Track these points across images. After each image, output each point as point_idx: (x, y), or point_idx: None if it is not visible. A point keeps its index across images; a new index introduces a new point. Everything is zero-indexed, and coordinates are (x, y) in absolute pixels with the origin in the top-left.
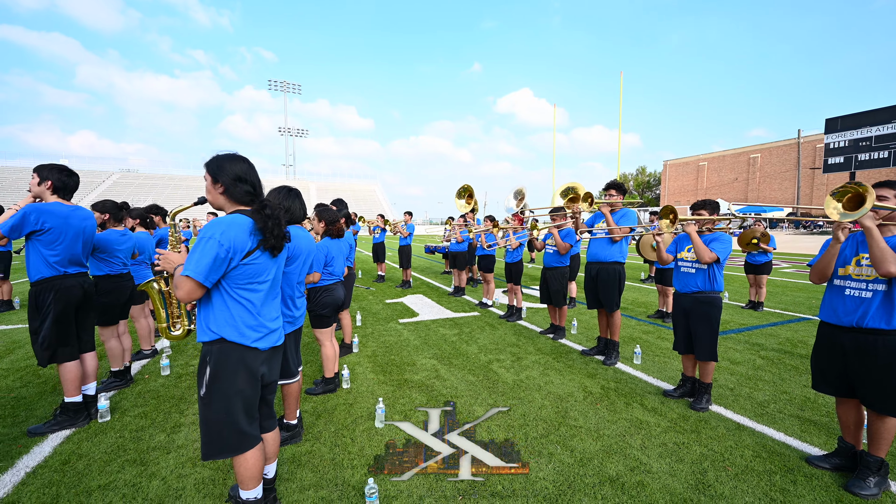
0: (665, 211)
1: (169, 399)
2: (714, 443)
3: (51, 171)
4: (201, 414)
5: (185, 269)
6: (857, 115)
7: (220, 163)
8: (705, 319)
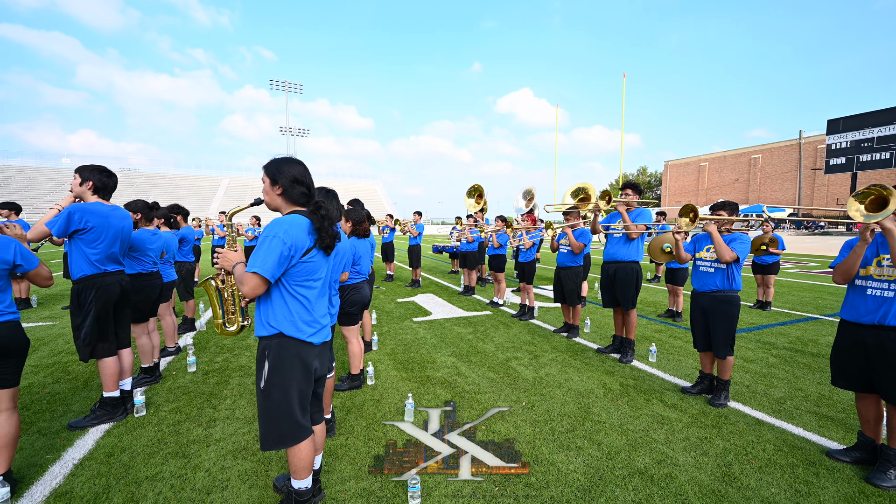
0: (685, 209)
1: (199, 395)
2: (736, 437)
3: (92, 171)
4: (260, 406)
5: (252, 266)
6: (860, 116)
7: (278, 166)
8: (724, 318)
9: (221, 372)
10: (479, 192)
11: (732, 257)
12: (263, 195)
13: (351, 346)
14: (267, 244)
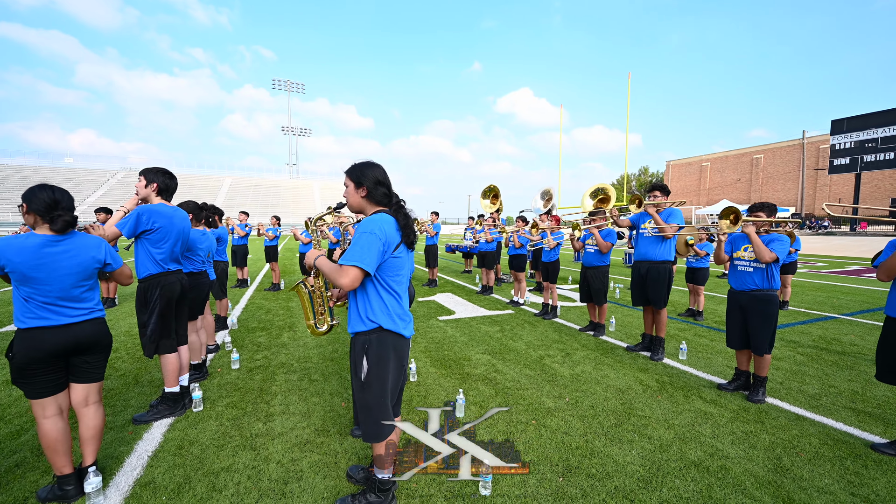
0: (726, 212)
1: (250, 391)
2: (780, 431)
3: (156, 174)
4: (360, 400)
5: (351, 260)
6: (864, 116)
7: (361, 169)
8: (764, 316)
9: (264, 369)
10: (494, 192)
11: (772, 258)
12: (347, 197)
13: None
14: (365, 240)
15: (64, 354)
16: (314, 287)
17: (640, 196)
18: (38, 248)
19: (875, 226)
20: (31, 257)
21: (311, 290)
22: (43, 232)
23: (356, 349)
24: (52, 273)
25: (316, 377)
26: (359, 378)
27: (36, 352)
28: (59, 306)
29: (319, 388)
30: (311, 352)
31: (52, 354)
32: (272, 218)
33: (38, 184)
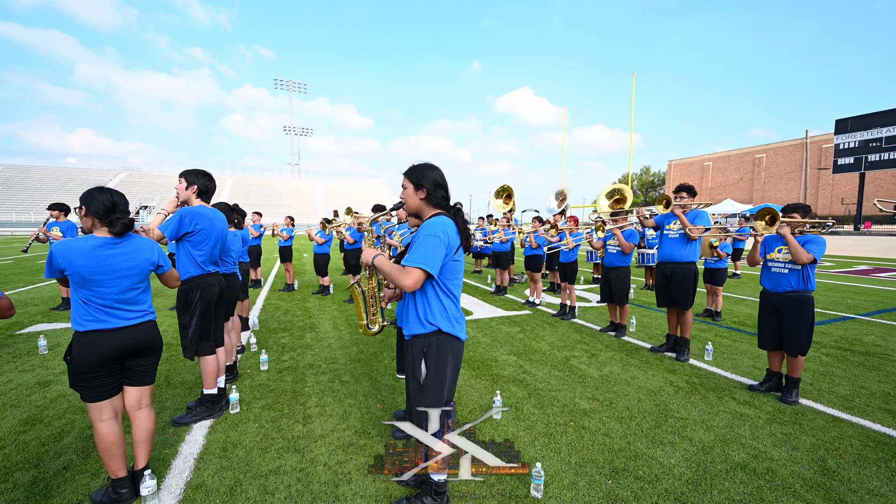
0: (762, 213)
1: (283, 392)
2: (819, 433)
3: (196, 175)
4: (417, 401)
5: (415, 262)
6: (868, 115)
7: (421, 171)
8: (801, 317)
9: (293, 370)
10: (507, 192)
11: (809, 259)
12: (405, 199)
13: None
14: (429, 242)
15: (120, 357)
16: (368, 288)
17: (669, 197)
18: (97, 250)
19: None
20: (92, 260)
21: (364, 290)
22: (101, 234)
23: (414, 351)
24: (110, 275)
25: (346, 378)
26: (417, 380)
27: (94, 355)
28: (117, 309)
29: (352, 390)
30: (337, 353)
31: (109, 357)
32: (286, 218)
33: (96, 186)
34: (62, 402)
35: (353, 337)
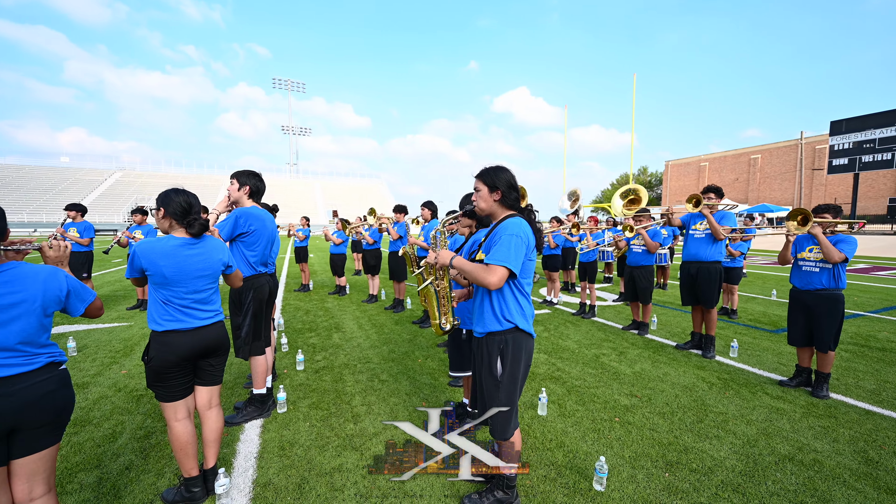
0: (794, 213)
1: (326, 392)
2: (854, 426)
3: (248, 176)
4: (492, 398)
5: (500, 260)
6: (863, 117)
7: (495, 173)
8: (832, 314)
9: (330, 370)
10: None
11: (841, 258)
12: (481, 202)
13: None
14: (513, 242)
15: (195, 357)
16: (441, 287)
17: (699, 196)
18: (178, 250)
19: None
20: (173, 260)
21: (437, 290)
22: (180, 235)
23: (489, 348)
24: (188, 275)
25: (385, 378)
26: (493, 377)
27: (172, 355)
28: (193, 309)
29: (393, 389)
30: (369, 353)
31: (185, 357)
32: (302, 218)
33: (172, 188)
34: (106, 403)
35: (381, 336)
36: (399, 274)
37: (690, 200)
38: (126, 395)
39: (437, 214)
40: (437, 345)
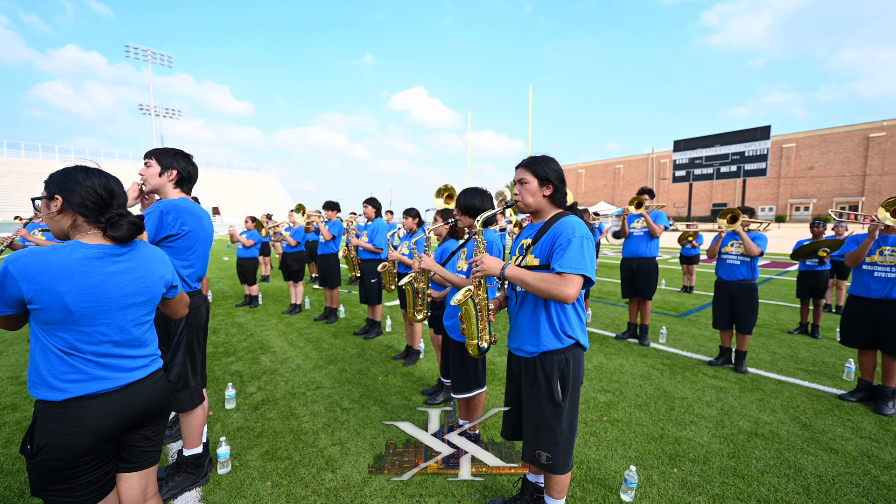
0: (725, 213)
1: (278, 434)
2: (777, 395)
3: (174, 157)
4: (552, 426)
5: (575, 268)
6: (693, 139)
7: (545, 163)
8: (750, 301)
9: (273, 403)
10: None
11: (759, 252)
12: (530, 196)
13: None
14: (585, 245)
15: (121, 433)
16: (479, 300)
17: (641, 199)
18: (89, 266)
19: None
20: (83, 282)
21: (476, 303)
22: (93, 241)
23: (546, 370)
24: (109, 305)
25: (347, 405)
26: (553, 403)
27: (86, 436)
28: (117, 357)
29: (363, 418)
30: (314, 376)
31: (107, 437)
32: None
33: (76, 166)
34: None
35: (323, 354)
36: (332, 280)
37: (632, 203)
38: None
39: (380, 212)
40: (392, 357)
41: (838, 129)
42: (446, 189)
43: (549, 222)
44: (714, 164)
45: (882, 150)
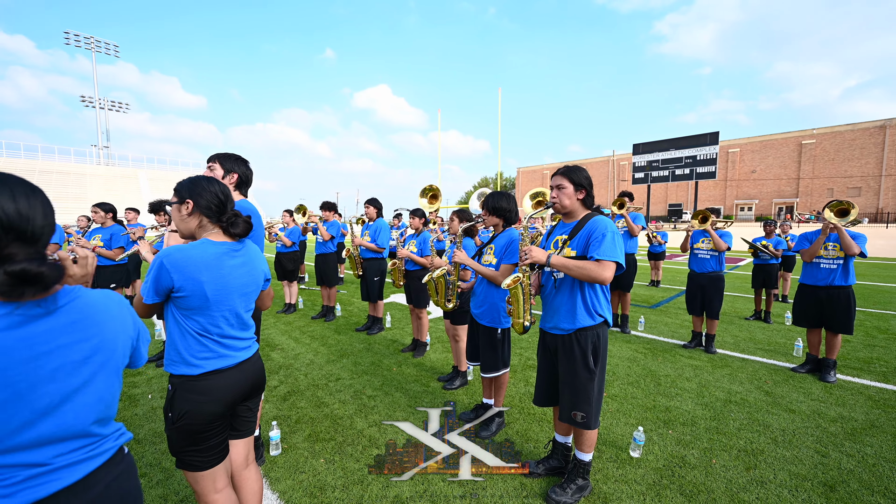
0: (697, 213)
1: (315, 420)
2: (742, 370)
3: (235, 161)
4: (586, 390)
5: (611, 256)
6: (649, 143)
7: (579, 172)
8: (718, 290)
9: (299, 394)
10: (433, 192)
11: (726, 247)
12: (563, 198)
13: (463, 343)
14: (616, 238)
15: (237, 403)
16: (526, 285)
17: (623, 200)
18: (220, 260)
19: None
20: (216, 274)
21: (523, 283)
22: (218, 239)
23: (581, 344)
24: (231, 293)
25: (372, 393)
26: (588, 370)
27: (216, 405)
28: (233, 339)
29: (390, 403)
30: (331, 369)
31: (230, 405)
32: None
33: (199, 175)
34: None
35: (332, 349)
36: (330, 279)
37: (616, 204)
38: None
39: (381, 213)
40: (400, 350)
41: (776, 136)
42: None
43: (582, 221)
44: (669, 166)
45: (812, 155)
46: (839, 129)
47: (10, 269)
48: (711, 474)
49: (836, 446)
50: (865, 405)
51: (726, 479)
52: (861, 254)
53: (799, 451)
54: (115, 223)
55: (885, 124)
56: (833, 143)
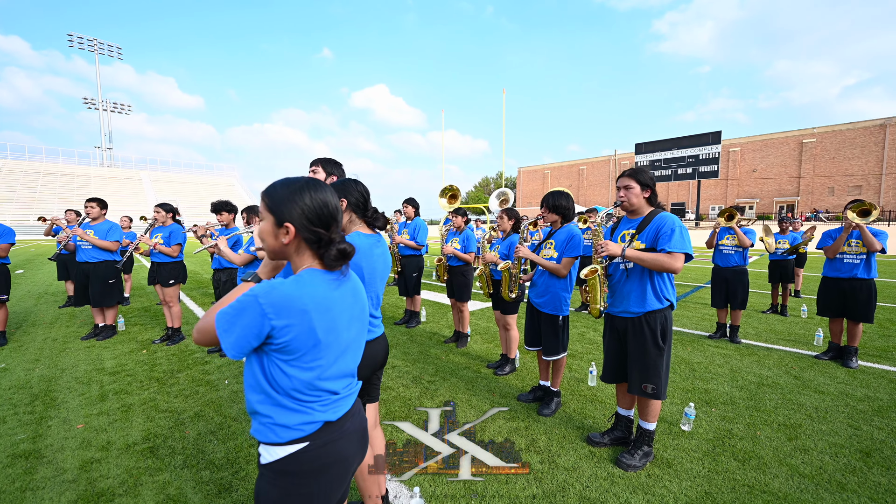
0: (724, 211)
1: (386, 401)
2: (769, 358)
3: (335, 165)
4: (656, 366)
5: (680, 248)
6: (652, 142)
7: (644, 172)
8: (743, 283)
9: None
10: (452, 192)
11: (750, 243)
12: (631, 197)
13: (513, 331)
14: (684, 233)
15: (377, 368)
16: (600, 274)
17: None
18: (372, 248)
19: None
20: (369, 261)
21: (599, 273)
22: (364, 230)
23: (650, 325)
24: (376, 276)
25: (430, 379)
26: (659, 348)
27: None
28: (374, 317)
29: (451, 386)
30: None
31: (378, 367)
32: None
33: (345, 178)
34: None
35: None
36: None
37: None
38: (132, 451)
39: (419, 212)
40: (443, 342)
41: (777, 135)
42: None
43: (648, 217)
44: (672, 166)
45: (813, 154)
46: (840, 128)
47: (340, 247)
48: (758, 444)
49: (867, 421)
50: (889, 387)
51: (772, 447)
52: (882, 250)
53: (833, 425)
54: (174, 222)
55: (885, 123)
56: (834, 142)
